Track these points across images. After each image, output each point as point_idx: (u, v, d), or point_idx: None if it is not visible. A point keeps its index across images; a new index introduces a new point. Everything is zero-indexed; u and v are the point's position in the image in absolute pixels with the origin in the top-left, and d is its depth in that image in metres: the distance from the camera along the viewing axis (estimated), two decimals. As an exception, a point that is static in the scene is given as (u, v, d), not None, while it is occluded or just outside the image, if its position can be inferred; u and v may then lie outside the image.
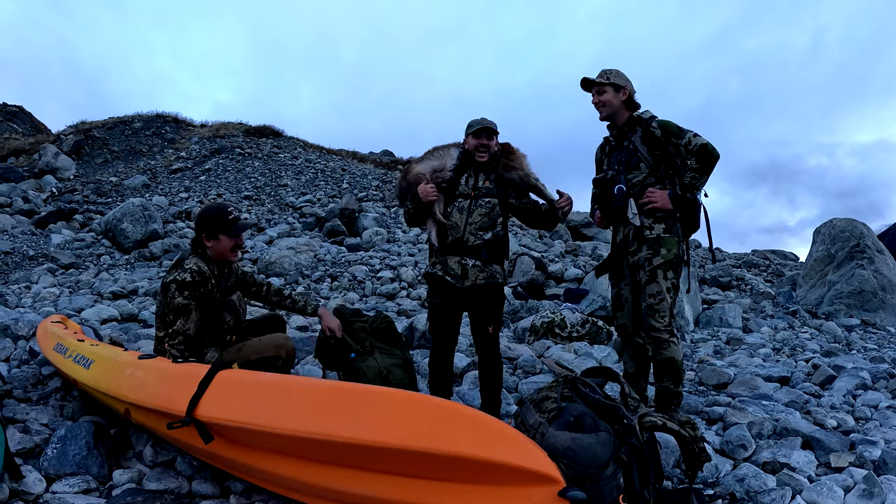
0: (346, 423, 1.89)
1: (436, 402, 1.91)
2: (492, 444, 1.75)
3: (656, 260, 3.36)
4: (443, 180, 3.50)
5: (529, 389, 4.31)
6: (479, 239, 3.44)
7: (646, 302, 3.40)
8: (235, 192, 18.33)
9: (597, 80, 3.53)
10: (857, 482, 2.69)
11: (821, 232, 11.47)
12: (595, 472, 1.98)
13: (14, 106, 31.48)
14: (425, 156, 3.66)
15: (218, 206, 3.25)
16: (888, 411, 3.93)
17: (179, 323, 3.02)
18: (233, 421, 2.16)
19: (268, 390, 2.22)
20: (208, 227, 3.18)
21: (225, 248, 3.20)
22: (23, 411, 3.38)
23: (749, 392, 4.46)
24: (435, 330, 3.61)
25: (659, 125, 3.38)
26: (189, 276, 3.05)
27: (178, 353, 3.01)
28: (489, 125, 3.47)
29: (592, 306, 8.41)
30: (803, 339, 7.70)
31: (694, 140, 3.28)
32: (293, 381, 2.32)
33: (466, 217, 3.45)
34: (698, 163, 3.28)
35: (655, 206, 3.37)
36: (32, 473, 2.64)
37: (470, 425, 1.80)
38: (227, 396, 2.28)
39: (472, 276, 3.42)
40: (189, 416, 2.27)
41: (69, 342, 3.51)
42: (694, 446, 2.31)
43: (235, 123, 26.53)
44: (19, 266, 11.68)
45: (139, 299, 8.65)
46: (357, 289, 9.71)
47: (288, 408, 2.06)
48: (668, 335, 3.36)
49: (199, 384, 2.34)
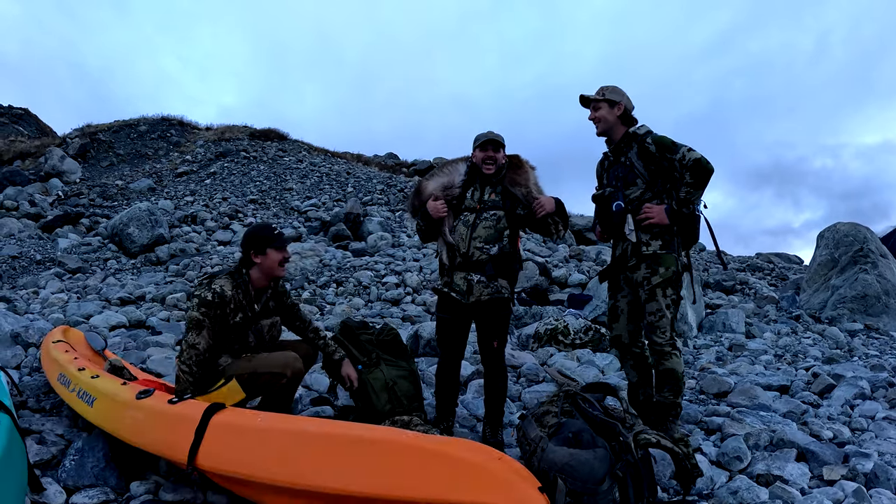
0: (341, 473, 2.00)
1: (430, 448, 1.98)
2: (477, 486, 1.84)
3: (655, 279, 3.41)
4: (452, 197, 3.56)
5: (532, 398, 4.40)
6: (485, 253, 3.45)
7: (646, 320, 3.47)
8: (241, 196, 18.46)
9: (592, 97, 3.60)
10: (848, 495, 2.76)
11: (824, 236, 11.51)
12: (592, 487, 2.07)
13: (19, 108, 31.73)
14: (435, 172, 3.73)
15: (263, 224, 3.44)
16: (884, 422, 3.99)
17: (191, 336, 3.15)
18: (231, 472, 2.32)
19: (262, 436, 2.34)
20: (256, 243, 3.33)
21: (273, 262, 3.35)
22: (38, 422, 3.46)
23: (748, 401, 4.53)
24: (441, 343, 3.70)
25: (653, 141, 3.42)
26: (211, 295, 3.19)
27: (186, 366, 3.12)
28: (495, 138, 3.51)
29: (596, 312, 8.47)
30: (805, 345, 7.75)
31: (688, 155, 3.31)
32: (287, 425, 2.40)
33: (470, 232, 3.48)
34: (693, 177, 3.31)
35: (652, 221, 3.40)
36: (52, 485, 2.73)
37: (455, 468, 1.89)
38: (223, 443, 2.41)
39: (476, 292, 3.46)
40: (191, 465, 2.42)
41: (71, 373, 3.51)
42: (687, 462, 2.40)
43: (240, 126, 26.69)
44: (27, 270, 11.82)
45: (147, 305, 8.76)
46: (362, 294, 9.81)
47: (283, 456, 2.19)
48: (671, 348, 3.41)
49: (195, 431, 2.46)
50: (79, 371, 3.49)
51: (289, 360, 3.22)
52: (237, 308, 3.31)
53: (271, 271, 3.38)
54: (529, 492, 1.86)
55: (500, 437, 3.59)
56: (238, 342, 3.34)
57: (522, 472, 1.96)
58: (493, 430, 3.61)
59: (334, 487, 1.98)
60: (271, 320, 3.52)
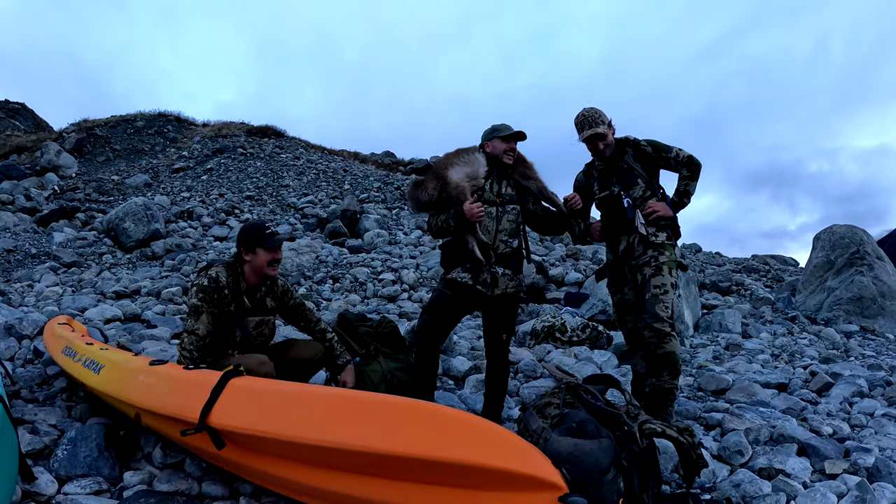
0: (355, 431, 1.95)
1: (442, 410, 1.97)
2: (496, 451, 1.81)
3: (662, 258, 3.60)
4: (478, 188, 3.46)
5: (530, 394, 4.37)
6: (508, 247, 3.48)
7: (650, 292, 3.53)
8: (237, 193, 18.39)
9: (601, 131, 3.67)
10: (850, 489, 2.75)
11: (821, 238, 11.53)
12: (597, 477, 2.05)
13: (16, 103, 31.54)
14: (450, 159, 3.54)
15: (256, 223, 3.42)
16: (883, 419, 3.99)
17: (190, 322, 3.18)
18: (245, 429, 2.22)
19: (279, 398, 2.28)
20: (247, 241, 3.32)
21: (262, 262, 3.31)
22: (31, 412, 3.43)
23: (747, 398, 4.52)
24: (434, 313, 3.46)
25: (649, 143, 3.77)
26: (206, 280, 3.23)
27: (186, 351, 3.12)
28: (521, 131, 3.52)
29: (593, 310, 8.46)
30: (802, 345, 7.76)
31: (681, 153, 3.72)
32: (304, 389, 2.37)
33: (497, 225, 3.44)
34: (689, 171, 3.72)
35: (659, 214, 3.67)
36: (44, 475, 2.68)
37: (475, 433, 1.86)
38: (239, 404, 2.33)
39: (502, 285, 3.44)
40: (202, 423, 2.33)
41: (78, 346, 3.55)
42: (692, 453, 2.37)
43: (237, 123, 26.58)
44: (21, 264, 11.73)
45: (142, 299, 8.70)
46: (359, 291, 9.76)
47: (299, 416, 2.12)
48: (670, 328, 3.47)
49: (211, 392, 2.39)
50: (87, 345, 3.54)
51: (262, 359, 3.16)
52: (232, 297, 3.29)
53: (260, 270, 3.35)
54: (546, 463, 1.87)
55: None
56: (223, 335, 3.32)
57: (536, 449, 1.98)
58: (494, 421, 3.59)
59: (355, 444, 1.92)
60: (261, 318, 3.47)
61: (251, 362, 3.07)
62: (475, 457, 1.78)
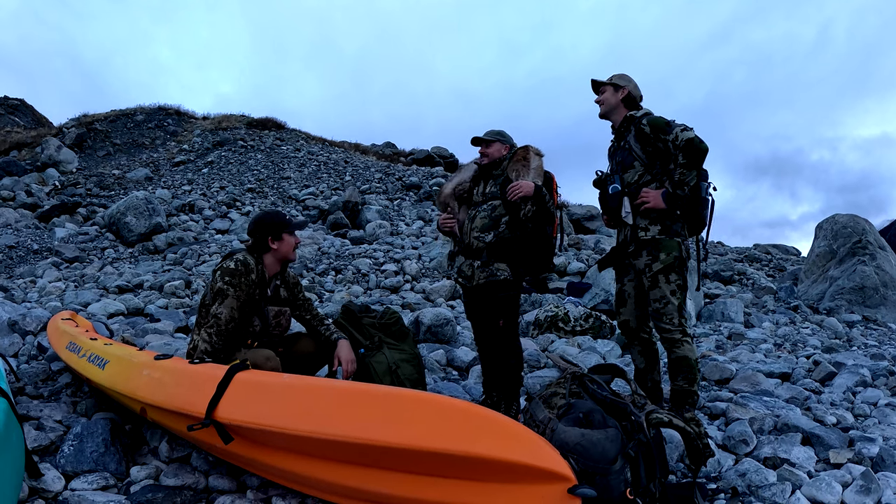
0: (363, 424, 1.94)
1: (451, 402, 1.96)
2: (505, 443, 1.80)
3: (656, 266, 3.39)
4: (463, 191, 3.89)
5: (534, 384, 4.37)
6: (481, 242, 3.62)
7: (651, 307, 3.45)
8: (238, 185, 18.37)
9: (601, 80, 3.63)
10: (855, 478, 2.75)
11: (823, 227, 11.50)
12: (604, 466, 2.05)
13: (16, 99, 31.48)
14: (455, 174, 4.13)
15: (276, 211, 3.55)
16: (887, 409, 3.99)
17: (215, 306, 3.17)
18: (252, 423, 2.21)
19: (286, 392, 2.28)
20: (273, 229, 3.39)
21: (290, 246, 3.45)
22: (36, 408, 3.43)
23: (751, 388, 4.52)
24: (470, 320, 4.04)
25: (648, 122, 3.36)
26: (234, 264, 3.24)
27: (206, 336, 3.11)
28: (477, 136, 3.76)
29: (595, 300, 8.47)
30: (804, 334, 7.75)
31: (681, 135, 3.22)
32: (311, 382, 2.36)
33: (469, 223, 3.73)
34: (685, 158, 3.23)
35: (648, 206, 3.37)
36: (50, 471, 2.68)
37: (484, 425, 1.85)
38: (246, 398, 2.33)
39: (476, 277, 3.65)
40: (209, 417, 2.32)
41: (82, 341, 3.55)
42: (698, 442, 2.37)
43: (238, 116, 26.54)
44: (24, 260, 11.75)
45: (145, 293, 8.71)
46: (361, 282, 9.78)
47: (306, 409, 2.11)
48: (681, 335, 3.38)
49: (217, 386, 2.39)
50: (91, 340, 3.53)
51: (268, 355, 3.17)
52: (258, 282, 3.32)
53: (286, 256, 3.47)
54: (555, 455, 1.87)
55: (513, 412, 3.61)
56: (243, 325, 3.31)
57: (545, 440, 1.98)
58: (507, 405, 3.64)
59: (363, 437, 1.92)
60: (279, 309, 3.51)
61: (257, 357, 3.08)
62: (484, 449, 1.78)
